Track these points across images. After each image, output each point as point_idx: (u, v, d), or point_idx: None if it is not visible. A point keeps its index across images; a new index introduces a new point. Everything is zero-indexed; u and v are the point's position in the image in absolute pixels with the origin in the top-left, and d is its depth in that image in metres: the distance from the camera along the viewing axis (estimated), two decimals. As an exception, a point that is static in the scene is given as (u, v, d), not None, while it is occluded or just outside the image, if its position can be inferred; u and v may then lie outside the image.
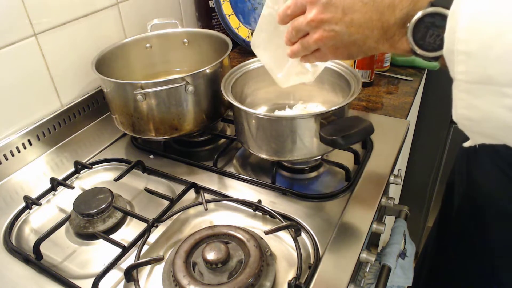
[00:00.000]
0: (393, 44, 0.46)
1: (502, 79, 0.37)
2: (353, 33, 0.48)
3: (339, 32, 0.48)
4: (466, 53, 0.38)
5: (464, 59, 0.38)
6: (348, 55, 0.52)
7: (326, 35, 0.49)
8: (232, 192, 0.73)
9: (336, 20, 0.48)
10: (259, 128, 0.70)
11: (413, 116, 1.29)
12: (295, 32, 0.53)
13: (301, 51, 0.55)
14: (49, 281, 0.60)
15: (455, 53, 0.39)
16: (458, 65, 0.39)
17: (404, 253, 0.77)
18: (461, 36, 0.38)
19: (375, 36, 0.47)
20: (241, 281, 0.53)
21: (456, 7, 0.38)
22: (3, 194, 0.78)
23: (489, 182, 0.68)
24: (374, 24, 0.46)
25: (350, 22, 0.47)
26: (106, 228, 0.68)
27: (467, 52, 0.38)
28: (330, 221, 0.65)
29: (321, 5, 0.48)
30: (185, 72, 0.85)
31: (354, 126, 0.61)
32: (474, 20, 0.37)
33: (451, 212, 0.79)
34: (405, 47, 0.45)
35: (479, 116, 0.40)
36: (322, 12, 0.48)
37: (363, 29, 0.47)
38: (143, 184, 0.78)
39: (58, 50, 0.88)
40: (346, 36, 0.48)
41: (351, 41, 0.49)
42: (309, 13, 0.50)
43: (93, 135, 0.94)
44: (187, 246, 0.59)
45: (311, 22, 0.49)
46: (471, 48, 0.37)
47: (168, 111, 0.77)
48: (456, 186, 0.78)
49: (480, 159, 0.69)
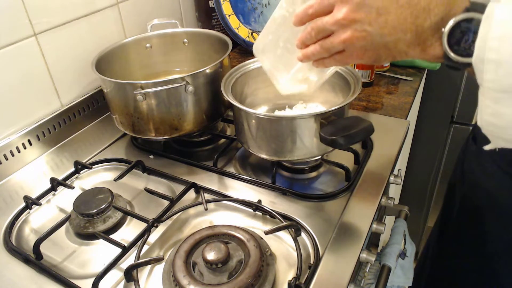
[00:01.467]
0: (425, 49, 0.46)
1: None
2: (386, 34, 0.46)
3: (371, 33, 0.46)
4: (496, 62, 0.39)
5: (493, 68, 0.39)
6: (375, 59, 0.50)
7: (357, 35, 0.47)
8: (232, 192, 0.73)
9: (369, 20, 0.46)
10: (259, 128, 0.70)
11: (413, 116, 1.29)
12: (316, 32, 0.50)
13: (319, 53, 0.52)
14: (49, 281, 0.60)
15: (485, 61, 0.39)
16: (487, 73, 0.40)
17: (404, 253, 0.77)
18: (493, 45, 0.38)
19: (408, 39, 0.46)
20: (241, 281, 0.53)
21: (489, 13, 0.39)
22: (3, 194, 0.78)
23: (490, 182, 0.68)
24: (408, 27, 0.45)
25: (384, 23, 0.45)
26: (106, 228, 0.68)
27: (497, 61, 0.38)
28: (330, 221, 0.65)
29: (354, 4, 0.46)
30: (185, 72, 0.85)
31: (354, 126, 0.61)
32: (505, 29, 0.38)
33: (452, 212, 0.79)
34: (437, 53, 0.45)
35: (504, 123, 0.41)
36: (355, 11, 0.46)
37: (396, 31, 0.45)
38: (143, 184, 0.78)
39: (58, 50, 0.88)
40: (378, 37, 0.46)
41: (382, 43, 0.47)
42: (338, 12, 0.47)
43: (93, 135, 0.94)
44: (187, 246, 0.59)
45: (342, 21, 0.47)
46: (502, 57, 0.38)
47: (168, 111, 0.77)
48: (457, 186, 0.78)
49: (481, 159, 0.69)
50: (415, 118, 1.34)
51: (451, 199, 0.81)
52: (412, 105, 0.96)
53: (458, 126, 1.35)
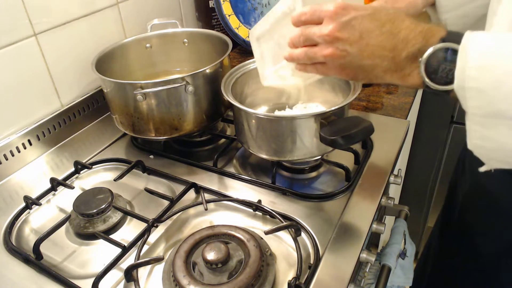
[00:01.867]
0: (403, 77, 0.48)
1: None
2: (365, 57, 0.48)
3: (351, 54, 0.48)
4: (477, 89, 0.41)
5: (475, 95, 0.41)
6: (352, 77, 0.52)
7: (338, 53, 0.49)
8: (232, 192, 0.73)
9: (351, 42, 0.48)
10: (259, 128, 0.70)
11: (413, 116, 1.29)
12: (304, 39, 0.52)
13: (303, 58, 0.54)
14: (49, 281, 0.60)
15: (466, 89, 0.41)
16: (470, 100, 0.42)
17: (404, 253, 0.77)
18: (472, 74, 0.40)
19: (384, 66, 0.48)
20: (241, 281, 0.53)
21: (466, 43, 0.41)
22: (3, 194, 0.78)
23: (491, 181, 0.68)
24: (385, 55, 0.47)
25: (364, 46, 0.47)
26: (106, 228, 0.68)
27: (478, 88, 0.40)
28: (330, 221, 0.65)
29: (340, 23, 0.48)
30: (185, 72, 0.85)
31: (354, 126, 0.61)
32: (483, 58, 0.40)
33: (453, 211, 0.80)
34: (415, 81, 0.47)
35: (492, 146, 0.43)
36: (339, 30, 0.48)
37: (374, 56, 0.47)
38: (143, 184, 0.78)
39: (58, 50, 0.88)
40: (357, 59, 0.49)
41: (360, 65, 0.49)
42: (325, 27, 0.49)
43: (93, 135, 0.94)
44: (187, 246, 0.59)
45: (326, 37, 0.49)
46: (482, 85, 0.40)
47: (168, 111, 0.77)
48: (458, 185, 0.78)
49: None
50: (415, 118, 1.34)
51: (452, 198, 0.81)
52: (412, 105, 0.96)
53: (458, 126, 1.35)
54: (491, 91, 0.40)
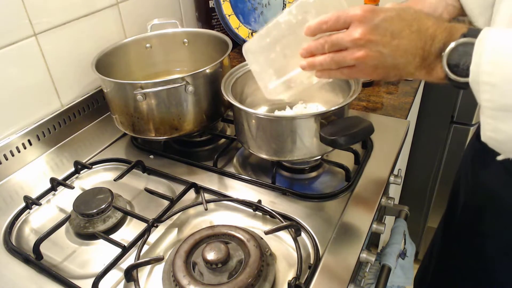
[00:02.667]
0: (429, 72, 0.49)
1: None
2: (398, 57, 0.49)
3: (384, 54, 0.49)
4: (490, 84, 0.43)
5: (488, 89, 0.43)
6: (383, 77, 0.53)
7: (371, 54, 0.49)
8: (232, 192, 0.73)
9: (383, 43, 0.49)
10: (259, 128, 0.70)
11: (413, 116, 1.29)
12: (329, 45, 0.52)
13: (328, 64, 0.54)
14: (49, 281, 0.60)
15: (480, 83, 0.43)
16: (483, 94, 0.44)
17: (404, 253, 0.77)
18: (485, 69, 0.43)
19: (416, 62, 0.49)
20: (241, 281, 0.53)
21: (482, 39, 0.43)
22: (3, 194, 0.78)
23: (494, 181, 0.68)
24: (417, 52, 0.48)
25: (397, 46, 0.48)
26: (106, 228, 0.68)
27: (491, 83, 0.43)
28: (330, 221, 0.65)
29: (370, 26, 0.48)
30: (185, 72, 0.85)
31: (354, 126, 0.61)
32: (498, 54, 0.42)
33: (456, 211, 0.80)
34: (439, 75, 0.48)
35: (504, 138, 0.45)
36: (370, 33, 0.48)
37: (407, 54, 0.49)
38: (143, 184, 0.78)
39: (58, 50, 0.88)
40: (390, 59, 0.49)
41: (393, 65, 0.50)
42: (354, 31, 0.49)
43: (93, 135, 0.94)
44: (187, 246, 0.59)
45: (358, 40, 0.49)
46: (495, 79, 0.42)
47: (168, 111, 0.77)
48: (462, 184, 0.78)
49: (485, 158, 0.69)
50: (415, 118, 1.34)
51: (455, 197, 0.81)
52: (412, 105, 0.96)
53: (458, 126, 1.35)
54: (504, 86, 0.42)
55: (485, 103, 0.44)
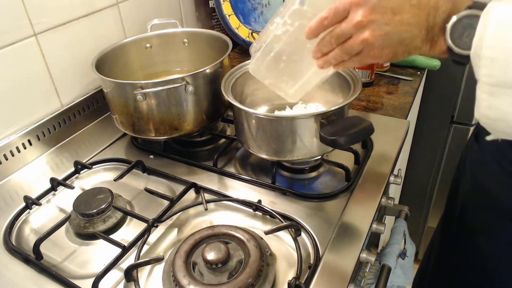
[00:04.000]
0: (433, 45, 0.49)
1: None
2: (403, 32, 0.48)
3: (389, 32, 0.49)
4: (490, 58, 0.42)
5: (488, 63, 0.42)
6: (392, 56, 0.52)
7: (376, 34, 0.49)
8: (232, 192, 0.73)
9: (386, 20, 0.48)
10: (259, 128, 0.70)
11: (413, 116, 1.29)
12: (335, 39, 0.52)
13: (340, 56, 0.54)
14: (49, 281, 0.60)
15: (481, 57, 0.43)
16: (482, 68, 0.43)
17: (404, 253, 0.77)
18: (488, 43, 0.42)
19: (423, 35, 0.48)
20: (241, 281, 0.53)
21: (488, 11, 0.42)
22: (3, 194, 0.78)
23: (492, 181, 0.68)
24: (422, 24, 0.48)
25: (400, 21, 0.48)
26: (106, 228, 0.68)
27: (492, 57, 0.42)
28: (330, 221, 0.65)
29: (369, 6, 0.48)
30: (185, 72, 0.85)
31: (354, 126, 0.61)
32: (501, 28, 0.41)
33: (455, 211, 0.80)
34: (442, 47, 0.48)
35: (498, 115, 0.44)
36: (371, 13, 0.48)
37: (412, 28, 0.48)
38: (143, 184, 0.78)
39: (58, 50, 0.88)
40: (395, 36, 0.49)
41: (399, 40, 0.49)
42: (355, 15, 0.49)
43: (93, 135, 0.94)
44: (187, 246, 0.59)
45: (360, 23, 0.49)
46: (496, 54, 0.42)
47: (168, 111, 0.77)
48: (460, 184, 0.78)
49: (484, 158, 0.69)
50: (415, 118, 1.34)
51: (453, 198, 0.81)
52: (412, 105, 0.96)
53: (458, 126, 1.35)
54: (504, 60, 0.41)
55: (483, 78, 0.43)
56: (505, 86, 0.42)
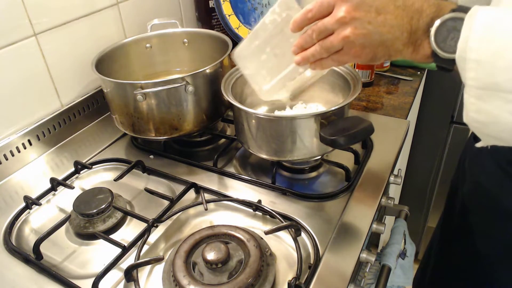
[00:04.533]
0: (416, 49, 0.48)
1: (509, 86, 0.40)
2: (385, 33, 0.48)
3: (370, 31, 0.48)
4: (476, 61, 0.41)
5: (474, 66, 0.42)
6: (372, 57, 0.52)
7: (357, 32, 0.48)
8: (232, 192, 0.73)
9: (369, 19, 0.48)
10: (259, 128, 0.70)
11: (413, 116, 1.29)
12: (317, 33, 0.51)
13: (319, 53, 0.53)
14: (49, 281, 0.60)
15: (467, 60, 0.42)
16: (468, 72, 0.42)
17: (404, 253, 0.77)
18: (473, 45, 0.41)
19: (404, 38, 0.48)
20: (241, 281, 0.53)
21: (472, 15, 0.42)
22: (3, 194, 0.78)
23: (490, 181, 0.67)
24: (404, 27, 0.47)
25: (383, 22, 0.47)
26: (106, 228, 0.68)
27: (478, 60, 0.41)
28: (330, 221, 0.65)
29: (354, 3, 0.48)
30: (185, 72, 0.85)
31: (354, 126, 0.61)
32: (486, 31, 0.41)
33: (454, 211, 0.79)
34: (426, 51, 0.47)
35: (487, 119, 0.44)
36: (355, 10, 0.48)
37: (394, 30, 0.48)
38: (143, 184, 0.78)
39: (58, 50, 0.88)
40: (377, 36, 0.48)
41: (380, 41, 0.49)
42: (338, 11, 0.49)
43: (93, 135, 0.94)
44: (187, 246, 0.59)
45: (343, 19, 0.48)
46: (481, 57, 0.41)
47: (168, 111, 0.77)
48: (459, 185, 0.78)
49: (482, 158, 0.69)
50: (415, 118, 1.34)
51: (453, 198, 0.81)
52: (412, 105, 0.96)
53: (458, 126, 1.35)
54: (490, 63, 0.41)
55: (470, 81, 0.43)
56: (493, 89, 0.41)
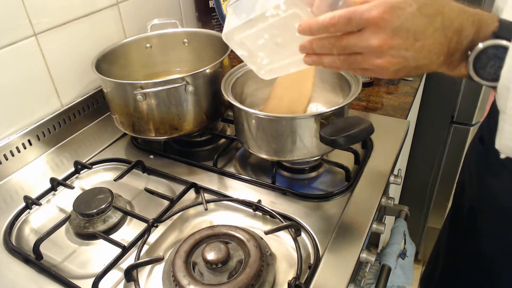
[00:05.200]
0: (451, 68, 0.46)
1: None
2: (421, 58, 0.44)
3: (406, 58, 0.44)
4: None
5: None
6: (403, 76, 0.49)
7: (393, 61, 0.44)
8: (232, 192, 0.73)
9: (406, 46, 0.43)
10: (259, 128, 0.70)
11: (413, 116, 1.29)
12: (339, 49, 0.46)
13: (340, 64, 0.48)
14: (49, 281, 0.60)
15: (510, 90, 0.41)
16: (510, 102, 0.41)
17: (404, 253, 0.77)
18: None
19: (440, 62, 0.45)
20: (241, 281, 0.53)
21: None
22: (3, 194, 0.78)
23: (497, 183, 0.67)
24: (442, 50, 0.44)
25: (420, 48, 0.44)
26: (106, 228, 0.68)
27: None
28: (330, 221, 0.65)
29: (391, 30, 0.42)
30: (185, 72, 0.85)
31: (354, 126, 0.61)
32: None
33: (461, 212, 0.79)
34: (462, 72, 0.46)
35: None
36: (392, 38, 0.43)
37: (431, 54, 0.44)
38: (143, 184, 0.78)
39: (58, 50, 0.88)
40: (413, 62, 0.45)
41: (415, 66, 0.45)
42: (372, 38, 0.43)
43: (93, 135, 0.94)
44: (187, 246, 0.59)
45: (378, 48, 0.43)
46: None
47: (168, 111, 0.77)
48: (466, 186, 0.78)
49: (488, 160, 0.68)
50: (415, 118, 1.34)
51: (460, 199, 0.80)
52: (412, 105, 0.96)
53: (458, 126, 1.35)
54: None
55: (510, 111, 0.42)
56: None
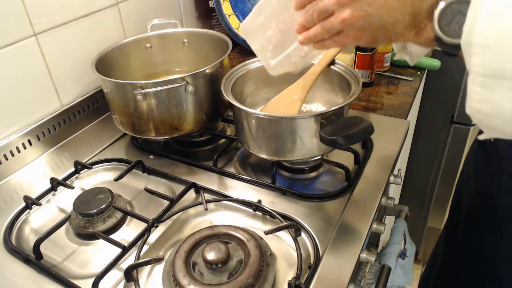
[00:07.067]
0: (419, 32, 0.46)
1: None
2: (385, 15, 0.46)
3: (370, 13, 0.47)
4: (482, 46, 0.39)
5: (480, 52, 0.39)
6: (372, 40, 0.50)
7: (356, 14, 0.47)
8: (232, 192, 0.73)
9: (369, 1, 0.46)
10: (259, 128, 0.70)
11: (413, 116, 1.29)
12: (317, 13, 0.51)
13: (320, 34, 0.52)
14: (49, 281, 0.60)
15: (472, 45, 0.39)
16: (474, 58, 0.40)
17: (404, 253, 0.77)
18: (479, 29, 0.39)
19: (406, 21, 0.46)
20: (241, 281, 0.53)
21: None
22: (3, 194, 0.78)
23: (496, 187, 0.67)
24: (406, 9, 0.45)
25: (383, 4, 0.46)
26: (106, 228, 0.68)
27: (484, 45, 0.39)
28: (330, 221, 0.65)
29: None
30: (185, 72, 0.85)
31: (354, 126, 0.61)
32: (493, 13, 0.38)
33: (460, 215, 0.79)
34: (429, 35, 0.45)
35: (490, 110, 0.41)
36: None
37: (395, 12, 0.46)
38: (143, 184, 0.78)
39: (58, 50, 0.88)
40: (377, 18, 0.47)
41: (380, 24, 0.47)
42: None
43: (93, 135, 0.94)
44: (187, 246, 0.59)
45: (342, 1, 0.47)
46: (488, 41, 0.38)
47: (168, 111, 0.77)
48: (465, 189, 0.78)
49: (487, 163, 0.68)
50: (415, 118, 1.34)
51: (458, 202, 0.80)
52: (412, 105, 0.96)
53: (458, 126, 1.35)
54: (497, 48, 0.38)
55: (475, 68, 0.40)
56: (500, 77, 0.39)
